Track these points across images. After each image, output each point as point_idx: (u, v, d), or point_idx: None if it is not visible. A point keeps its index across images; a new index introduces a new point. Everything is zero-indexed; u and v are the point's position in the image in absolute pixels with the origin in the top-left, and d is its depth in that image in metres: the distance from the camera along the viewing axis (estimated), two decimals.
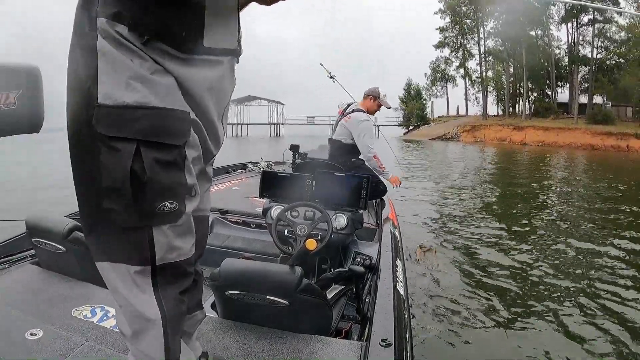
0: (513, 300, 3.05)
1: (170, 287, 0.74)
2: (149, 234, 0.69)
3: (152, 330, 0.72)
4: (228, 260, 1.19)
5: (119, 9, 0.64)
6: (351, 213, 1.97)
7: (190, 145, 0.71)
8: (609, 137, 23.55)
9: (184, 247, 0.74)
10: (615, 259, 3.94)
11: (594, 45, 30.68)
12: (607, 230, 5.13)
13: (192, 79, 0.70)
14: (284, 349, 1.12)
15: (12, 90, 0.75)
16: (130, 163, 0.64)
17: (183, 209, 0.71)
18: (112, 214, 0.66)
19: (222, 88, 0.78)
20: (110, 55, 0.64)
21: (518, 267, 3.76)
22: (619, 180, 9.81)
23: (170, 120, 0.67)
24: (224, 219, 2.58)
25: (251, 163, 4.44)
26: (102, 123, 0.64)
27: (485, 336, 2.53)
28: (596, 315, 2.80)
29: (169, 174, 0.67)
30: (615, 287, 3.29)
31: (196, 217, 0.86)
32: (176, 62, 0.68)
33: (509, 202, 7.45)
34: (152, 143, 0.65)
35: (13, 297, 1.32)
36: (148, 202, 0.66)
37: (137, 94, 0.64)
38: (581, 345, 2.43)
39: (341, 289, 1.60)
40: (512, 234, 4.96)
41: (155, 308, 0.72)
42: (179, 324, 0.78)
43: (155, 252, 0.70)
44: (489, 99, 35.94)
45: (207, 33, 0.70)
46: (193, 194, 0.73)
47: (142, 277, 0.71)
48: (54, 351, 1.07)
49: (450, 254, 4.04)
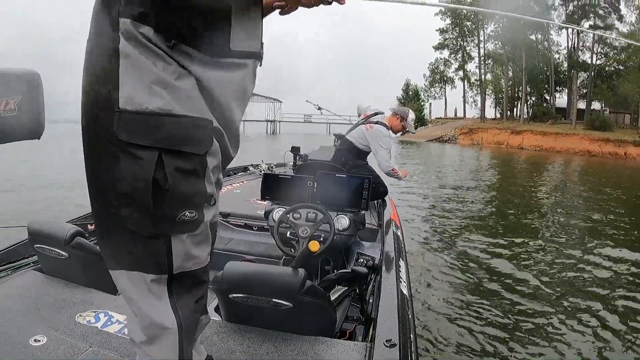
0: (517, 301, 3.05)
1: (186, 295, 0.73)
2: (167, 242, 0.67)
3: (167, 339, 0.71)
4: (231, 263, 1.19)
5: (144, 10, 0.61)
6: (353, 214, 1.97)
7: (212, 154, 0.70)
8: (607, 144, 23.45)
9: (201, 256, 0.73)
10: (610, 267, 3.93)
11: (594, 51, 30.66)
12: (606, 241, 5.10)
13: (218, 82, 0.69)
14: (288, 352, 1.12)
15: (12, 97, 0.75)
16: (152, 171, 0.62)
17: (202, 218, 0.70)
18: (130, 221, 0.65)
19: (245, 91, 0.77)
20: (134, 58, 0.62)
21: (518, 267, 3.76)
22: (621, 188, 9.77)
23: (193, 129, 0.66)
24: (226, 222, 2.57)
25: (252, 165, 4.44)
26: (124, 129, 0.62)
27: (489, 335, 2.53)
28: (598, 319, 2.80)
29: (190, 183, 0.66)
30: (605, 291, 3.29)
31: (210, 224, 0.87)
32: (202, 65, 0.67)
33: (509, 207, 7.43)
34: (174, 152, 0.64)
35: (16, 304, 1.32)
36: (169, 211, 0.65)
37: (160, 101, 0.63)
38: (584, 348, 2.42)
39: (344, 290, 1.60)
40: (511, 237, 4.96)
41: (172, 316, 0.71)
42: (194, 333, 0.77)
43: (172, 261, 0.69)
44: (487, 102, 35.96)
45: (234, 36, 0.69)
46: (212, 203, 0.72)
47: (158, 285, 0.70)
48: (58, 357, 1.07)
49: (450, 254, 4.04)
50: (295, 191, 2.02)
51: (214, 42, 0.67)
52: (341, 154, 3.17)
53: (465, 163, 15.26)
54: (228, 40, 0.69)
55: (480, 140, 27.90)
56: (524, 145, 25.90)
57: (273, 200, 2.09)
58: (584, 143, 24.27)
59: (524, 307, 2.92)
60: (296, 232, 1.82)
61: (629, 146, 22.68)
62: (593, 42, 30.41)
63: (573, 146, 24.36)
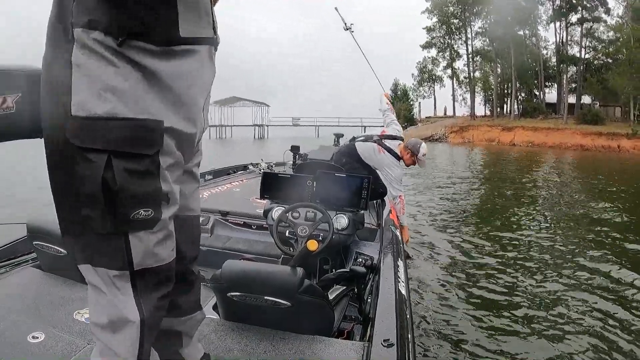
0: (513, 300, 3.05)
1: (150, 291, 0.75)
2: (125, 240, 0.70)
3: (128, 331, 0.73)
4: (229, 262, 1.19)
5: (92, 17, 0.64)
6: (352, 213, 1.97)
7: (165, 153, 0.72)
8: (600, 137, 23.39)
9: (163, 253, 0.75)
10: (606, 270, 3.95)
11: (582, 45, 30.73)
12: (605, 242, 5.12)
13: (172, 72, 0.71)
14: (286, 350, 1.12)
15: (9, 94, 0.74)
16: (101, 173, 0.65)
17: (159, 216, 0.72)
18: (89, 221, 0.68)
19: (202, 77, 0.78)
20: (85, 67, 0.65)
21: (516, 267, 3.76)
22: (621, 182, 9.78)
23: (140, 131, 0.68)
24: (224, 221, 2.58)
25: (252, 164, 4.44)
26: (76, 135, 0.65)
27: (487, 335, 2.53)
28: (600, 318, 2.80)
29: (141, 182, 0.69)
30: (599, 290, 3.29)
31: (187, 218, 0.88)
32: (155, 57, 0.69)
33: (506, 205, 7.43)
34: (123, 153, 0.66)
35: (15, 301, 1.32)
36: (122, 211, 0.68)
37: (107, 105, 0.65)
38: (584, 350, 2.43)
39: (343, 289, 1.60)
40: (509, 237, 4.96)
41: (135, 310, 0.73)
42: (155, 329, 0.79)
43: (132, 258, 0.71)
44: (476, 99, 35.91)
45: (182, 23, 0.70)
46: (169, 201, 0.74)
47: (121, 280, 0.72)
48: (56, 354, 1.07)
49: (449, 255, 4.05)
50: (295, 190, 2.02)
51: (162, 31, 0.69)
52: (342, 156, 3.16)
53: (458, 164, 15.19)
54: (177, 27, 0.70)
55: (471, 138, 27.84)
56: (515, 142, 25.85)
57: (272, 199, 2.09)
58: (576, 137, 24.27)
59: (523, 307, 2.92)
60: (295, 231, 1.82)
61: (622, 139, 22.66)
62: (581, 36, 30.54)
63: (565, 141, 24.34)
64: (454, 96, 37.69)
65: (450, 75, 37.66)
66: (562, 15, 30.35)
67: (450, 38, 36.67)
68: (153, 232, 0.73)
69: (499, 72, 34.07)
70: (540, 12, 31.41)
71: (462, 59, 36.85)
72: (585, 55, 30.94)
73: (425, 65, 38.93)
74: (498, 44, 32.07)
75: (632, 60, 24.40)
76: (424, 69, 39.05)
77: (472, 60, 35.93)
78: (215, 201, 2.85)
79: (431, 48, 37.93)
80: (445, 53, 37.49)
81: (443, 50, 37.52)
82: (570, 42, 31.55)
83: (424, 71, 39.02)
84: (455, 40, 36.71)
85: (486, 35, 33.56)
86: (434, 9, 35.98)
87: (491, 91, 34.92)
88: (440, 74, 38.61)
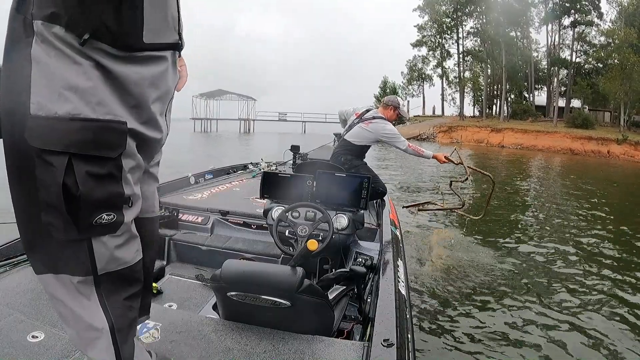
0: (514, 300, 3.05)
1: (115, 294, 0.74)
2: (88, 245, 0.68)
3: (101, 339, 0.72)
4: (229, 262, 1.19)
5: (54, 10, 0.61)
6: (352, 213, 1.97)
7: (127, 155, 0.70)
8: (589, 142, 23.36)
9: (126, 256, 0.74)
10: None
11: (573, 48, 30.79)
12: None
13: (134, 78, 0.68)
14: (285, 350, 1.12)
15: None
16: (62, 177, 0.62)
17: (122, 220, 0.71)
18: (51, 228, 0.66)
19: (164, 84, 0.76)
20: (44, 63, 0.62)
21: (516, 267, 3.76)
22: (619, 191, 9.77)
23: (103, 132, 0.65)
24: (224, 220, 2.57)
25: (252, 164, 4.45)
26: (36, 136, 0.62)
27: (487, 335, 2.53)
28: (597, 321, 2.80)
29: (104, 186, 0.66)
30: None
31: (146, 219, 0.86)
32: (116, 61, 0.66)
33: (504, 205, 7.43)
34: (84, 156, 0.64)
35: (14, 300, 1.32)
36: (84, 216, 0.65)
37: (69, 105, 0.62)
38: (584, 350, 2.43)
39: (343, 289, 1.60)
40: (509, 237, 4.96)
41: (102, 317, 0.71)
42: (130, 330, 0.77)
43: (96, 263, 0.70)
44: (466, 99, 35.76)
45: (147, 28, 0.68)
46: (131, 204, 0.73)
47: (85, 286, 0.71)
48: (56, 354, 1.07)
49: (449, 255, 4.04)
50: (295, 190, 2.02)
51: (126, 36, 0.66)
52: (340, 154, 3.19)
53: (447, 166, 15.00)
54: (141, 33, 0.68)
55: (460, 138, 27.51)
56: (504, 144, 25.74)
57: (272, 198, 2.09)
58: (565, 141, 24.21)
59: (523, 307, 2.93)
60: (295, 230, 1.82)
61: (612, 144, 22.64)
62: (573, 40, 30.62)
63: (555, 144, 24.25)
64: (443, 96, 37.63)
65: (440, 75, 37.55)
66: (555, 18, 30.34)
67: (441, 37, 36.45)
68: (116, 236, 0.71)
69: (489, 73, 34.00)
70: (533, 14, 31.48)
71: (453, 58, 36.81)
72: (576, 59, 31.08)
73: (415, 63, 38.70)
74: (489, 44, 32.01)
75: (624, 65, 24.40)
76: (413, 67, 38.77)
77: (463, 60, 35.84)
78: (215, 201, 2.85)
79: (422, 46, 37.71)
80: (435, 52, 37.30)
81: (434, 49, 37.30)
82: (561, 45, 31.63)
83: (414, 69, 38.72)
84: (447, 40, 36.58)
85: (478, 35, 33.50)
86: (425, 7, 35.79)
87: (481, 92, 34.76)
88: (430, 73, 38.48)
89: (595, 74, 29.50)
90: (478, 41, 33.96)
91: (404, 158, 14.41)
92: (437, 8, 35.14)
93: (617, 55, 25.92)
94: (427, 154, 3.16)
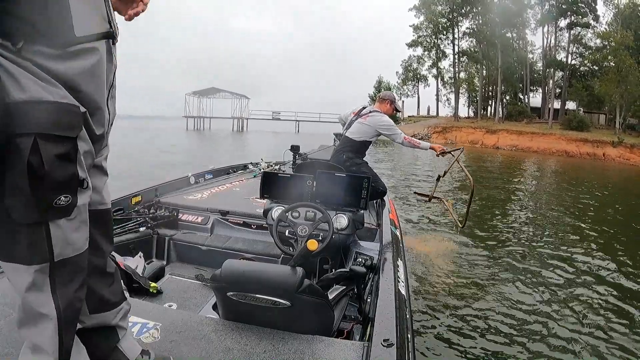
0: (513, 300, 3.05)
1: (67, 284, 0.75)
2: (46, 229, 0.70)
3: (47, 326, 0.74)
4: (229, 261, 1.19)
5: None
6: (352, 213, 1.97)
7: (82, 138, 0.73)
8: (585, 144, 23.32)
9: (79, 241, 0.76)
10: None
11: (569, 51, 30.78)
12: None
13: (71, 73, 0.71)
14: (285, 350, 1.12)
15: None
16: (27, 157, 0.64)
17: (76, 202, 0.72)
18: (12, 211, 0.67)
19: (101, 73, 0.79)
20: None
21: (516, 268, 3.76)
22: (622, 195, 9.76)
23: (64, 113, 0.68)
24: (224, 220, 2.57)
25: (252, 164, 4.45)
26: (6, 122, 0.64)
27: (487, 335, 2.53)
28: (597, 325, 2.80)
29: (64, 167, 0.68)
30: None
31: (98, 211, 0.88)
32: (53, 60, 0.69)
33: (501, 205, 7.44)
34: (48, 136, 0.66)
35: (14, 300, 1.32)
36: (46, 196, 0.67)
37: (28, 93, 0.65)
38: (584, 351, 2.43)
39: (342, 289, 1.60)
40: (508, 236, 4.96)
41: (52, 305, 0.73)
42: (75, 320, 0.80)
43: (53, 248, 0.71)
44: (460, 100, 35.71)
45: (76, 22, 0.70)
46: (85, 187, 0.74)
47: (40, 275, 0.72)
48: None
49: (448, 255, 4.05)
50: (295, 190, 2.02)
51: (57, 34, 0.68)
52: (341, 152, 3.20)
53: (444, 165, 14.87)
54: (72, 28, 0.70)
55: (454, 139, 27.56)
56: (499, 145, 25.67)
57: (272, 198, 2.09)
58: (561, 143, 24.14)
59: (523, 307, 2.93)
60: (295, 230, 1.82)
61: (607, 147, 22.62)
62: (569, 42, 30.65)
63: (550, 146, 24.18)
64: (438, 96, 37.58)
65: (435, 75, 37.46)
66: (552, 19, 30.31)
67: (436, 37, 36.37)
68: (70, 219, 0.72)
69: (485, 74, 33.92)
70: (529, 15, 31.46)
71: (448, 58, 36.72)
72: (572, 61, 31.07)
73: (410, 63, 38.62)
74: (485, 45, 31.97)
75: (620, 68, 24.38)
76: (409, 67, 38.68)
77: (459, 60, 35.77)
78: (215, 201, 2.84)
79: (417, 46, 37.63)
80: (431, 52, 37.23)
81: (429, 49, 37.20)
82: (557, 47, 31.65)
83: (409, 69, 38.63)
84: (442, 40, 36.52)
85: (474, 36, 33.42)
86: (421, 7, 35.71)
87: (476, 93, 34.64)
88: (425, 73, 38.41)
89: (590, 77, 29.53)
90: (474, 42, 33.99)
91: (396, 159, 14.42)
92: (433, 8, 35.12)
93: (613, 58, 25.92)
94: (424, 145, 3.21)
